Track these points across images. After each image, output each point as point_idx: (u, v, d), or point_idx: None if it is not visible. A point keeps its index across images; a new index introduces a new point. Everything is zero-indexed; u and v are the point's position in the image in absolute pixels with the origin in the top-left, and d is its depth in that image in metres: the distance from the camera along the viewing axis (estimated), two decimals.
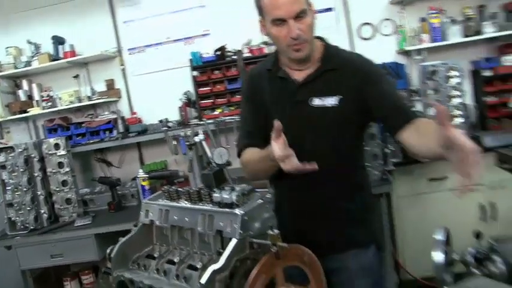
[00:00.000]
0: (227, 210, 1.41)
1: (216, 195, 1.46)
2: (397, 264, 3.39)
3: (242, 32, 3.78)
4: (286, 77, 1.72)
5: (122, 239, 1.67)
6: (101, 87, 4.03)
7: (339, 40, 3.76)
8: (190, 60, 3.75)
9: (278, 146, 1.45)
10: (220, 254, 1.40)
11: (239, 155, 1.81)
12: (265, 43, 3.68)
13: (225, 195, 1.43)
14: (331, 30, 3.84)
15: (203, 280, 1.28)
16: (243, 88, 1.88)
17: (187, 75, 3.85)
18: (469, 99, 3.68)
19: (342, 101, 1.65)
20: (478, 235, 1.54)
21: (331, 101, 1.66)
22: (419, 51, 3.72)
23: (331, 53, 1.74)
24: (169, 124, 3.80)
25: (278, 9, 1.56)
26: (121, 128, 3.75)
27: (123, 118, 3.85)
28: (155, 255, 1.60)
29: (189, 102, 3.74)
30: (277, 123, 1.41)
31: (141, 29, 3.97)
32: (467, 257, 1.38)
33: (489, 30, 3.61)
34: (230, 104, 3.69)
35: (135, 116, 3.91)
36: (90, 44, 3.88)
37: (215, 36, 3.90)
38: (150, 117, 3.97)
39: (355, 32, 3.92)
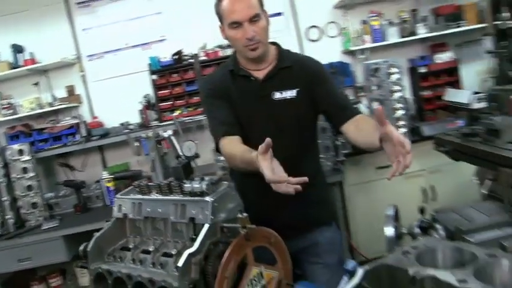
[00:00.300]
0: (198, 198, 1.46)
1: (187, 185, 1.50)
2: (351, 247, 3.52)
3: (197, 37, 3.83)
4: (248, 75, 1.80)
5: (97, 234, 1.67)
6: (61, 93, 3.94)
7: (289, 42, 3.88)
8: (149, 64, 3.75)
9: (267, 166, 1.40)
10: (193, 240, 1.44)
11: (217, 145, 1.81)
12: (220, 47, 3.73)
13: (196, 185, 1.48)
14: (282, 33, 3.94)
15: (180, 263, 1.32)
16: (206, 90, 1.89)
17: (146, 79, 3.84)
18: (408, 94, 3.88)
19: (300, 93, 1.78)
20: (422, 210, 1.66)
21: (290, 94, 1.77)
22: (362, 51, 3.89)
23: (284, 54, 1.85)
24: (131, 127, 3.78)
25: (234, 14, 1.67)
26: (83, 132, 3.69)
27: (84, 122, 3.79)
28: (130, 247, 1.62)
29: (148, 105, 3.74)
30: (268, 140, 1.39)
31: (99, 36, 3.92)
32: (414, 229, 1.49)
33: (421, 32, 3.84)
34: (189, 105, 3.72)
35: (96, 120, 3.85)
36: (50, 52, 3.79)
37: (171, 41, 3.90)
38: (111, 121, 3.92)
39: (304, 35, 4.04)
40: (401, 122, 3.50)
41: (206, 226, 1.40)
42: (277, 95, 1.77)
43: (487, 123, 1.67)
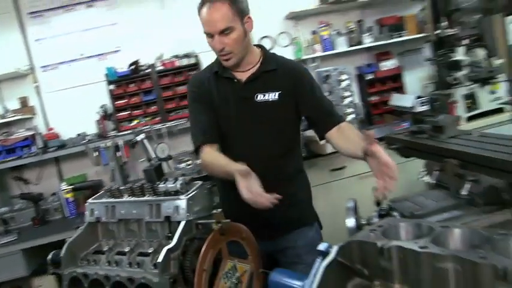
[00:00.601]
0: (174, 197, 1.52)
1: (162, 185, 1.56)
2: None
3: (153, 47, 3.87)
4: (232, 77, 1.84)
5: (70, 239, 1.69)
6: (14, 105, 3.82)
7: None
8: (106, 75, 3.73)
9: (244, 186, 1.49)
10: (169, 238, 1.50)
11: (197, 151, 1.84)
12: (176, 56, 3.79)
13: (170, 185, 1.54)
14: None
15: (160, 259, 1.38)
16: (191, 93, 1.93)
17: (102, 89, 3.81)
18: (357, 99, 4.09)
19: (281, 96, 1.82)
20: (378, 203, 1.80)
21: (272, 96, 1.82)
22: (313, 59, 4.07)
23: (269, 56, 1.91)
24: (88, 137, 3.73)
25: (207, 26, 1.74)
26: (40, 143, 3.60)
27: (40, 134, 3.70)
28: (104, 250, 1.64)
29: (106, 115, 3.72)
30: (247, 168, 1.50)
31: (53, 46, 3.84)
32: (373, 219, 1.62)
33: (367, 41, 4.08)
34: (146, 115, 3.73)
35: (52, 131, 3.77)
36: (1, 62, 3.68)
37: (127, 51, 3.89)
38: (67, 132, 3.83)
39: None
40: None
41: (182, 223, 1.46)
42: (260, 97, 1.82)
43: (432, 121, 1.85)
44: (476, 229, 0.93)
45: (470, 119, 3.64)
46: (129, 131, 3.52)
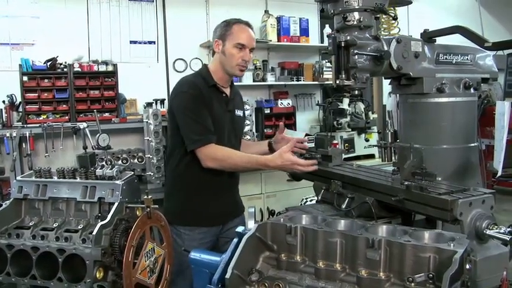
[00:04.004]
0: (109, 181, 1.70)
1: (99, 170, 1.73)
2: None
3: (71, 48, 3.91)
4: (223, 91, 2.23)
5: None
6: None
7: (157, 69, 4.27)
8: (20, 65, 3.64)
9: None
10: (98, 217, 1.66)
11: (196, 146, 2.09)
12: (95, 61, 3.86)
13: (108, 170, 1.72)
14: (152, 60, 4.29)
15: (94, 232, 1.54)
16: (191, 94, 2.11)
17: (12, 78, 3.68)
18: (253, 128, 4.51)
19: (243, 114, 2.45)
20: (273, 212, 2.15)
21: (240, 113, 2.39)
22: None
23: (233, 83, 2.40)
24: None
25: (244, 39, 2.14)
26: None
27: None
28: (30, 225, 1.72)
29: (12, 105, 3.61)
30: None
31: None
32: None
33: (270, 79, 4.57)
34: (56, 112, 3.70)
35: None
36: None
37: (44, 46, 3.86)
38: None
39: (171, 65, 4.42)
40: None
41: (116, 204, 1.64)
42: (237, 112, 2.31)
43: (323, 151, 2.28)
44: (354, 220, 1.32)
45: (345, 159, 4.24)
46: (36, 125, 3.47)
